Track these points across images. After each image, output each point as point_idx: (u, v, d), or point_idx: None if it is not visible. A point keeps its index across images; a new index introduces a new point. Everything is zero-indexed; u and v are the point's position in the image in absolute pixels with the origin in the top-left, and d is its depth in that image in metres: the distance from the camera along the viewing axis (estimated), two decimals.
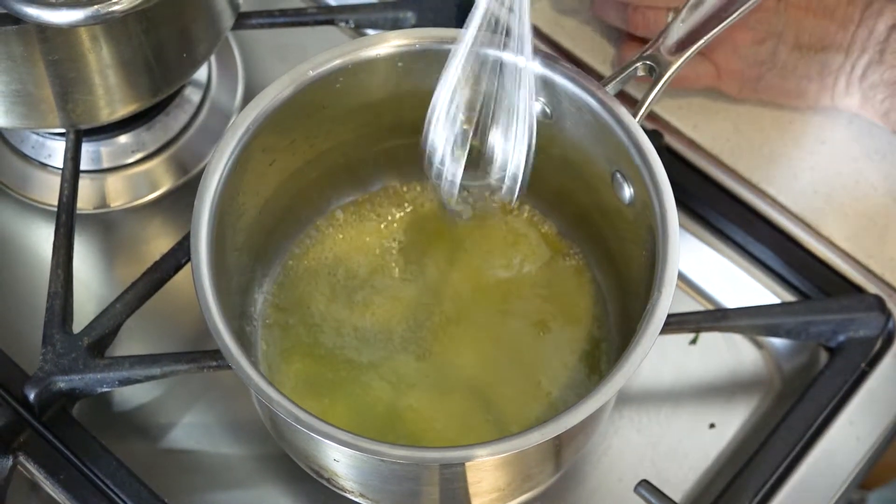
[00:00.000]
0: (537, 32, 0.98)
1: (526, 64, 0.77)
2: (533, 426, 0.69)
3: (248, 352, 0.73)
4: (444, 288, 0.87)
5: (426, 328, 0.86)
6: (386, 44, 0.80)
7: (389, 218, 0.90)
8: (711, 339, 0.92)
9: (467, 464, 0.72)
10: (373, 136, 0.86)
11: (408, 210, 0.90)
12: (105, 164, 0.97)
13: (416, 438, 0.82)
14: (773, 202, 0.94)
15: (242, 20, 0.96)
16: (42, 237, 0.95)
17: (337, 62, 0.80)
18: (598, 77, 0.86)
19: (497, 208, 0.89)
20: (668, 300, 0.72)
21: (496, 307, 0.86)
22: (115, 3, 0.78)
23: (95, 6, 0.78)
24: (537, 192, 0.88)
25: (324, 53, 0.80)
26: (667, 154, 0.95)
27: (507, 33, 0.77)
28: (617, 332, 0.86)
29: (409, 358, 0.85)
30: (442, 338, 0.85)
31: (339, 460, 0.74)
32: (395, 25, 0.98)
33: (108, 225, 0.96)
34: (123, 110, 0.90)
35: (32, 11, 0.77)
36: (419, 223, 0.89)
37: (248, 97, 1.00)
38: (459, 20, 0.97)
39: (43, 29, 0.80)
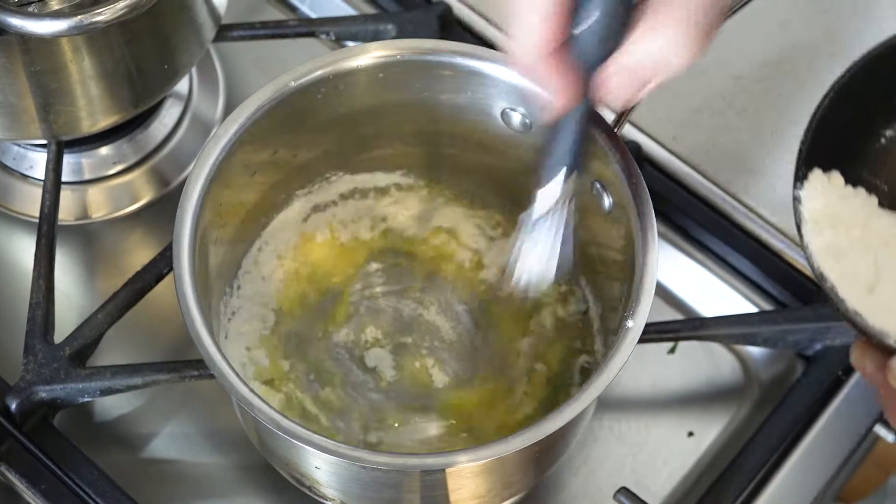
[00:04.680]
0: None
1: None
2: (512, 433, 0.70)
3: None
4: (418, 295, 0.88)
5: (399, 333, 0.86)
6: (367, 55, 0.81)
7: (368, 227, 0.90)
8: (690, 349, 0.93)
9: (448, 470, 0.72)
10: (355, 147, 0.87)
11: (386, 220, 0.90)
12: (86, 176, 0.97)
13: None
14: (751, 212, 0.95)
15: (224, 32, 0.97)
16: (23, 248, 0.95)
17: (318, 73, 0.80)
18: None
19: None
20: (647, 308, 0.72)
21: (472, 317, 0.87)
22: (98, 14, 0.79)
23: (78, 17, 0.79)
24: (516, 204, 0.89)
25: (305, 64, 0.80)
26: (646, 165, 0.96)
27: None
28: (597, 342, 0.86)
29: (382, 364, 0.85)
30: (415, 346, 0.86)
31: (321, 467, 0.75)
32: (376, 37, 0.98)
33: (89, 236, 0.96)
34: (105, 121, 0.90)
35: (15, 21, 0.78)
36: (396, 233, 0.90)
37: (229, 109, 1.00)
38: (440, 32, 0.99)
39: (25, 39, 0.81)
